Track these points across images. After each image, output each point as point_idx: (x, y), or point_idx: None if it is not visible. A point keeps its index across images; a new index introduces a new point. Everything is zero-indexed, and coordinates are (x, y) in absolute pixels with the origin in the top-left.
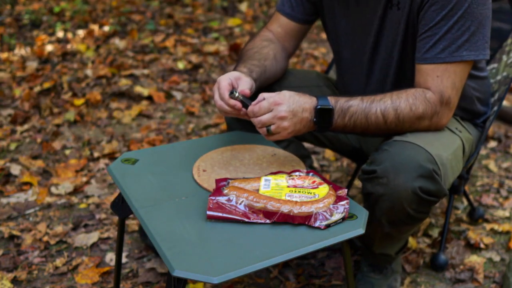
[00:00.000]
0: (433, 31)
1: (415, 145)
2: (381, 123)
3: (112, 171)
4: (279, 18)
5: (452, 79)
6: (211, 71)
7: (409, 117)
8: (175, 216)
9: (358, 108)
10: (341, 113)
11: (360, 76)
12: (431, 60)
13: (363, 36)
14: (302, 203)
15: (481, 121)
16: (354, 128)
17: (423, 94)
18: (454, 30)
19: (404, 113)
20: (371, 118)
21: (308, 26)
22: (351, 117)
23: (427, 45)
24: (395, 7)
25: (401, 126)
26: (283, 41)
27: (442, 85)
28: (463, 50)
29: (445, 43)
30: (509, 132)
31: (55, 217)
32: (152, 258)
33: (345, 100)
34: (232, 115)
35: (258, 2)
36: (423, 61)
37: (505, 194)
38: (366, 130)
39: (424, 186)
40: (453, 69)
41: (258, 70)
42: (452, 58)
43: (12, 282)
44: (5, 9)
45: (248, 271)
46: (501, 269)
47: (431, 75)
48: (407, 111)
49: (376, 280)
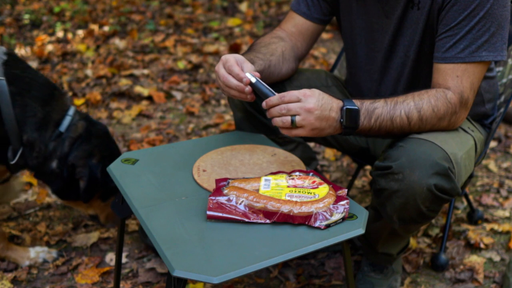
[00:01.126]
0: (454, 31)
1: (430, 143)
2: (405, 125)
3: (112, 171)
4: (294, 18)
5: (471, 80)
6: (211, 71)
7: (431, 118)
8: (175, 216)
9: (383, 111)
10: (367, 115)
11: (374, 75)
12: (451, 59)
13: (380, 34)
14: (302, 203)
15: (488, 122)
16: (379, 130)
17: (444, 95)
18: (475, 30)
19: (427, 115)
20: (396, 120)
21: (323, 26)
22: (377, 120)
23: (447, 45)
24: (416, 6)
25: (423, 127)
26: (295, 41)
27: (462, 86)
28: (483, 50)
29: (465, 43)
30: (509, 132)
31: (55, 217)
32: (152, 258)
33: (370, 103)
34: (234, 95)
35: (258, 2)
36: (443, 61)
37: (505, 194)
38: (391, 132)
39: (439, 184)
40: (472, 70)
41: (262, 63)
42: (472, 58)
43: (12, 282)
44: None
45: (248, 271)
46: (501, 269)
47: (450, 75)
48: (430, 112)
49: (376, 280)
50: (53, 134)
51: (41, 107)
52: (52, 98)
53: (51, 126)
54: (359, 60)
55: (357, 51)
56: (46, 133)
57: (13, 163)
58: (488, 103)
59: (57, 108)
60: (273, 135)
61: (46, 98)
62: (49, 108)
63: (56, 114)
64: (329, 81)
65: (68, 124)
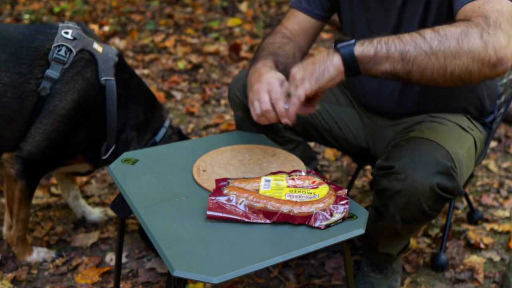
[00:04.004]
0: None
1: (432, 142)
2: (420, 40)
3: (112, 171)
4: (296, 15)
5: (496, 7)
6: (211, 71)
7: (449, 30)
8: (175, 216)
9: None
10: (366, 41)
11: None
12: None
13: (381, 30)
14: (302, 203)
15: (489, 120)
16: (388, 53)
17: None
18: None
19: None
20: (405, 37)
21: (323, 23)
22: (380, 40)
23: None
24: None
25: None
26: (299, 39)
27: (485, 11)
28: None
29: None
30: (509, 132)
31: (55, 217)
32: (152, 258)
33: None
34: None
35: (258, 2)
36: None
37: (505, 194)
38: (405, 55)
39: (441, 183)
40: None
41: (282, 68)
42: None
43: (12, 282)
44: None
45: (248, 271)
46: (501, 269)
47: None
48: (445, 26)
49: (376, 280)
50: (149, 141)
51: (144, 112)
52: (153, 107)
53: (149, 132)
54: None
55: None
56: (144, 136)
57: (104, 158)
58: (488, 97)
59: (157, 118)
60: (273, 135)
61: (148, 106)
62: (150, 115)
63: (155, 123)
64: None
65: (162, 135)
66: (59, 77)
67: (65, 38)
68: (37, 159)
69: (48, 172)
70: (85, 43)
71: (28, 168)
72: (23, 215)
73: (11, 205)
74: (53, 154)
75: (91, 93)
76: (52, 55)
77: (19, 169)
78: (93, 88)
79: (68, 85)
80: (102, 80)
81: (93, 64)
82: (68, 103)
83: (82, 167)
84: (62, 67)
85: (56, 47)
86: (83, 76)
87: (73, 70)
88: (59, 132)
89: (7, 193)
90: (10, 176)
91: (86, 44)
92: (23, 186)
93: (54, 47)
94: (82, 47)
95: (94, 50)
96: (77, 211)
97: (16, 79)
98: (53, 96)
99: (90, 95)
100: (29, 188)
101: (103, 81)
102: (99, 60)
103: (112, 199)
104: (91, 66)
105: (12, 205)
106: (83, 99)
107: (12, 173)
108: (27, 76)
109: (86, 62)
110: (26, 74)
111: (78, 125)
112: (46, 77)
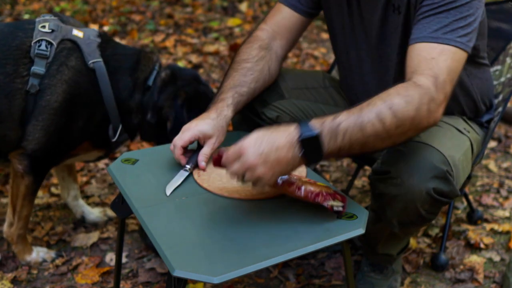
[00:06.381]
0: (431, 12)
1: (428, 146)
2: (380, 129)
3: (112, 171)
4: (282, 10)
5: (448, 64)
6: (211, 71)
7: (407, 110)
8: (175, 216)
9: (349, 122)
10: (332, 135)
11: (365, 77)
12: (427, 39)
13: (366, 37)
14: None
15: (485, 120)
16: (350, 147)
17: (412, 82)
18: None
19: (400, 109)
20: (367, 127)
21: (309, 20)
22: (344, 136)
23: (422, 26)
24: (396, 11)
25: (402, 125)
26: (281, 38)
27: (437, 67)
28: (458, 36)
29: (441, 23)
30: (509, 132)
31: (55, 217)
32: (152, 258)
33: (331, 120)
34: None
35: (258, 2)
36: (416, 40)
37: (505, 194)
38: (365, 145)
39: (437, 187)
40: (451, 54)
41: (246, 99)
42: (450, 41)
43: (12, 282)
44: (5, 9)
45: (248, 271)
46: (501, 269)
47: (425, 56)
48: (403, 105)
49: (376, 280)
50: (144, 92)
51: (130, 77)
52: (138, 62)
53: (140, 87)
54: (351, 63)
55: (349, 51)
56: (137, 95)
57: (114, 140)
58: (481, 99)
59: (144, 69)
60: None
61: (134, 66)
62: (137, 73)
63: (143, 74)
64: (326, 82)
65: (154, 77)
66: (46, 72)
67: (43, 32)
68: (41, 155)
69: (55, 165)
70: (64, 32)
71: (35, 164)
72: (25, 212)
73: (15, 202)
74: (56, 147)
75: (81, 80)
76: (34, 52)
77: (27, 165)
78: (81, 74)
79: (55, 77)
80: (90, 64)
81: (77, 51)
82: (60, 95)
83: (92, 155)
84: (46, 61)
85: (36, 43)
86: (68, 65)
87: (57, 62)
88: (57, 125)
89: (12, 189)
90: (17, 172)
91: (65, 34)
92: (30, 182)
93: (34, 43)
94: (62, 37)
95: (75, 36)
96: (76, 211)
97: (2, 79)
98: (43, 92)
99: (80, 82)
100: (35, 184)
101: (91, 65)
102: (82, 45)
103: (112, 199)
104: (75, 54)
105: (16, 201)
106: (73, 88)
107: (19, 169)
108: (13, 75)
109: (68, 51)
110: (11, 74)
111: (75, 114)
112: (32, 74)
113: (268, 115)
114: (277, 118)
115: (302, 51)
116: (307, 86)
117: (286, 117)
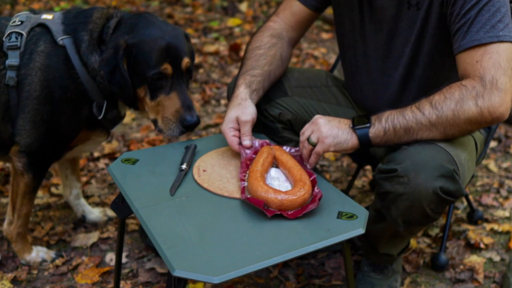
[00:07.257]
0: (465, 19)
1: (434, 145)
2: (420, 116)
3: (112, 171)
4: (292, 5)
5: (493, 60)
6: (211, 71)
7: (445, 103)
8: (175, 216)
9: (392, 112)
10: (377, 118)
11: (372, 74)
12: (467, 44)
13: (374, 34)
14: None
15: None
16: (395, 131)
17: (458, 83)
18: (485, 11)
19: (439, 101)
20: (408, 114)
21: (317, 14)
22: (387, 119)
23: (462, 34)
24: (414, 7)
25: (442, 115)
26: (292, 30)
27: (482, 68)
28: (499, 30)
29: (478, 25)
30: (509, 132)
31: (55, 217)
32: (152, 258)
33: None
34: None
35: (258, 2)
36: (459, 49)
37: (505, 194)
38: (409, 130)
39: (444, 186)
40: (495, 50)
41: (260, 79)
42: (489, 38)
43: (12, 282)
44: (5, 9)
45: (248, 271)
46: (501, 269)
47: (470, 62)
48: (442, 99)
49: (376, 280)
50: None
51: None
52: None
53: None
54: (358, 59)
55: (357, 48)
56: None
57: (100, 117)
58: None
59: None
60: (272, 135)
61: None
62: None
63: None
64: (329, 81)
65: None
66: (20, 63)
67: (12, 26)
68: (37, 149)
69: (55, 160)
70: (33, 21)
71: (34, 160)
72: (25, 211)
73: (15, 200)
74: (48, 138)
75: (52, 63)
76: (5, 45)
77: (26, 162)
78: (52, 57)
79: (29, 66)
80: (59, 41)
81: (45, 33)
82: (37, 84)
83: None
84: (19, 51)
85: (7, 37)
86: (38, 51)
87: (28, 51)
88: (43, 114)
89: (12, 187)
90: (17, 170)
91: (34, 21)
92: (30, 179)
93: (5, 38)
94: (31, 25)
95: (44, 19)
96: (77, 210)
97: None
98: (22, 83)
99: (52, 65)
100: (35, 181)
101: (61, 42)
102: (51, 25)
103: (112, 199)
104: (43, 37)
105: (16, 199)
106: (47, 73)
107: (19, 167)
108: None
109: (37, 36)
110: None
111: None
112: (8, 67)
113: (270, 112)
114: (279, 115)
115: (302, 51)
116: (310, 85)
117: (288, 115)
